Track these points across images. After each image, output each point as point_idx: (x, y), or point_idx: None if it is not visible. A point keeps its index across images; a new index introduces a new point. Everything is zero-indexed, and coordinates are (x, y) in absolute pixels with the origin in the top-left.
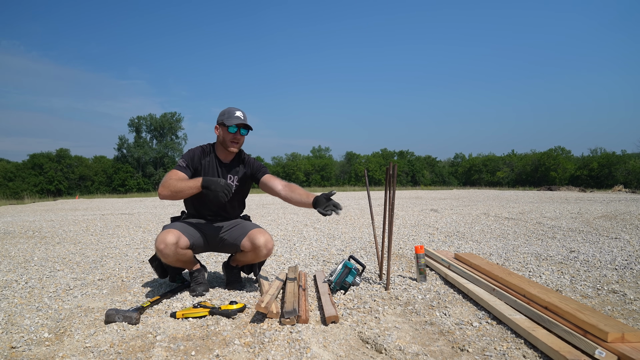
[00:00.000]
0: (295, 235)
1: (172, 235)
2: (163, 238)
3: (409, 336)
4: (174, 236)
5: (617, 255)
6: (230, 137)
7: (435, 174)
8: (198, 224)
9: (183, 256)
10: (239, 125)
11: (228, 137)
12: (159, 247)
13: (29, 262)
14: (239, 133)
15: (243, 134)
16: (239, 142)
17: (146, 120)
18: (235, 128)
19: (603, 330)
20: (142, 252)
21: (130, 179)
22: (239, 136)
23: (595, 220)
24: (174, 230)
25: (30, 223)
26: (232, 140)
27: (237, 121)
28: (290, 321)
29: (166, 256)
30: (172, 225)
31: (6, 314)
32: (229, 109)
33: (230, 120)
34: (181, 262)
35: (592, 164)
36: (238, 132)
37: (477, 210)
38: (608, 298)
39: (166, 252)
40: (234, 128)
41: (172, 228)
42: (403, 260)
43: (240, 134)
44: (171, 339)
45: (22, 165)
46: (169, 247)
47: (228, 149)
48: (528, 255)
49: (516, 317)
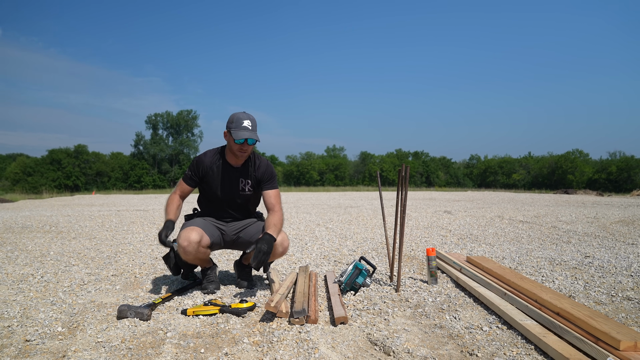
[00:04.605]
0: (308, 235)
1: (195, 234)
2: (187, 236)
3: (417, 339)
4: (197, 235)
5: (634, 261)
6: (237, 147)
7: (450, 175)
8: (215, 221)
9: (203, 254)
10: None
11: (235, 147)
12: (182, 244)
13: (45, 257)
14: (246, 143)
15: (250, 143)
16: (247, 151)
17: (163, 117)
18: (242, 140)
19: (615, 339)
20: (156, 248)
21: (146, 175)
22: (246, 146)
23: (612, 225)
24: (197, 229)
25: (48, 218)
26: (239, 151)
27: (243, 135)
28: (300, 321)
29: (188, 253)
30: (193, 223)
31: (22, 307)
32: (238, 116)
33: (237, 132)
34: (199, 260)
35: (611, 168)
36: (245, 142)
37: (492, 212)
38: (622, 305)
39: (189, 250)
40: (241, 140)
41: (195, 226)
42: (415, 262)
43: (247, 144)
44: (181, 336)
45: (41, 161)
46: (192, 245)
47: (235, 157)
48: (542, 260)
49: (527, 323)
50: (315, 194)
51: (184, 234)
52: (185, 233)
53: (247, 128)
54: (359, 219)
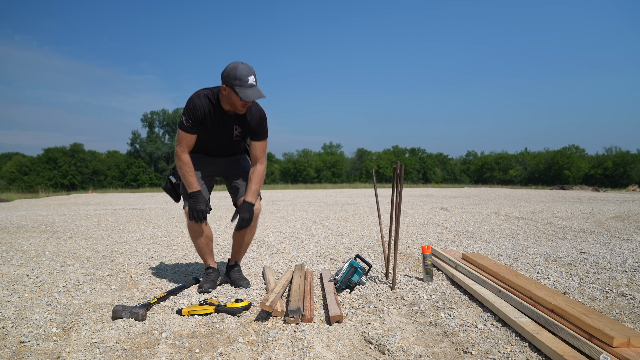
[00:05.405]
0: (304, 233)
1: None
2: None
3: (412, 337)
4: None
5: (628, 257)
6: (241, 103)
7: (446, 172)
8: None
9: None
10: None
11: (239, 103)
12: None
13: (41, 257)
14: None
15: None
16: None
17: (159, 115)
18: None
19: (609, 335)
20: (152, 247)
21: (143, 173)
22: (250, 102)
23: (607, 220)
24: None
25: (43, 217)
26: (242, 106)
27: (252, 95)
28: (295, 320)
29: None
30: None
31: (16, 308)
32: (240, 70)
33: (245, 92)
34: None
35: (607, 163)
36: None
37: (488, 209)
38: (616, 301)
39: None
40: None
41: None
42: (410, 259)
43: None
44: (176, 336)
45: (37, 159)
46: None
47: (237, 111)
48: (537, 256)
49: (521, 320)
50: (312, 192)
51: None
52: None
53: (253, 85)
54: (355, 217)
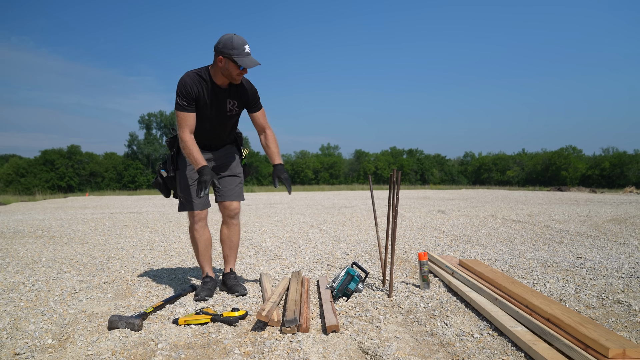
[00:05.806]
0: (301, 237)
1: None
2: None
3: (408, 347)
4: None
5: (625, 262)
6: (237, 72)
7: (444, 173)
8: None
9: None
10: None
11: (235, 72)
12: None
13: (37, 264)
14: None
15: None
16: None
17: (156, 117)
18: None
19: (604, 346)
20: (149, 253)
21: (140, 175)
22: (245, 71)
23: (604, 224)
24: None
25: (40, 222)
26: (238, 75)
27: (250, 62)
28: (291, 330)
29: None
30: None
31: (12, 318)
32: (235, 41)
33: (244, 60)
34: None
35: (604, 164)
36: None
37: (485, 212)
38: (612, 309)
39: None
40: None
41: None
42: (407, 265)
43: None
44: (172, 346)
45: (34, 162)
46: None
47: (232, 80)
48: (534, 262)
49: (517, 329)
50: (309, 194)
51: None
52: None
53: (249, 54)
54: (353, 220)
